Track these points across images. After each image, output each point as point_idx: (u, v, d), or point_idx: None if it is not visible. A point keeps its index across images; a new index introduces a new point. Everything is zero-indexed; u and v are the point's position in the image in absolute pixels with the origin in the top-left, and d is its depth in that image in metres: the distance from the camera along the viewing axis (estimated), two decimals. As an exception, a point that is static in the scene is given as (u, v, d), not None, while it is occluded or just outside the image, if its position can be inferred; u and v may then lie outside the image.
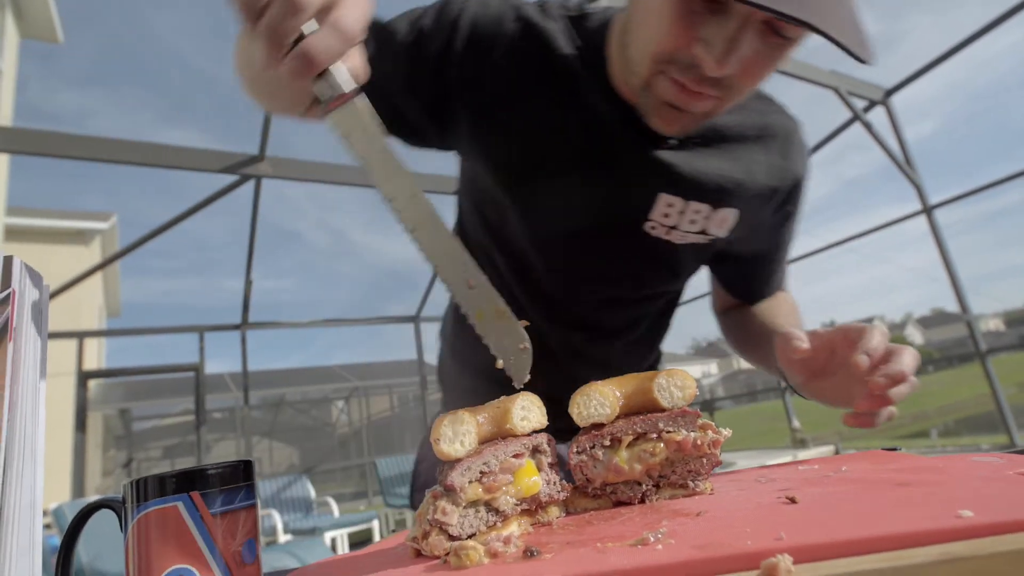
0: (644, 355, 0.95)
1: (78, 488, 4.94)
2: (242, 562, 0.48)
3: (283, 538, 4.93)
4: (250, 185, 4.52)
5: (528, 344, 0.48)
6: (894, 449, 0.59)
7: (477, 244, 0.85)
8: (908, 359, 0.56)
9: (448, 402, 1.04)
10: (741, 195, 0.77)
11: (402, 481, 6.08)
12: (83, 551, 2.60)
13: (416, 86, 0.72)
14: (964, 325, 4.82)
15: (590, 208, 0.76)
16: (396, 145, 0.46)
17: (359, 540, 5.97)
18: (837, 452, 6.58)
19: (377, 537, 5.26)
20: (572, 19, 0.75)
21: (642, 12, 0.63)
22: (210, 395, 6.12)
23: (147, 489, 0.47)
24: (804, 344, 0.61)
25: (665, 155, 0.73)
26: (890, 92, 5.00)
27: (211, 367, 5.90)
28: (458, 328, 0.94)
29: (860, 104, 4.95)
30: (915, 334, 48.75)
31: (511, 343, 0.46)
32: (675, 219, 0.75)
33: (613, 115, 0.72)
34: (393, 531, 6.21)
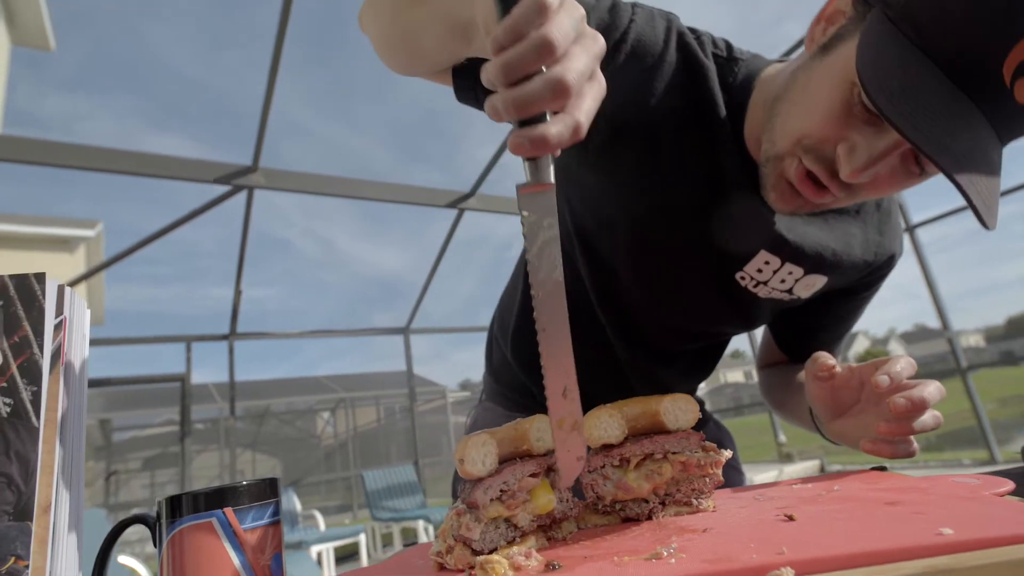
0: (696, 380, 0.97)
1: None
2: (270, 575, 0.50)
3: (268, 552, 4.86)
4: (242, 196, 4.53)
5: (584, 456, 0.49)
6: (882, 468, 0.63)
7: (563, 235, 0.82)
8: (932, 389, 0.55)
9: (487, 408, 1.03)
10: (836, 265, 0.78)
11: (389, 494, 6.04)
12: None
13: None
14: (945, 341, 4.94)
15: (694, 248, 0.76)
16: (559, 244, 0.47)
17: (345, 554, 5.91)
18: (822, 466, 6.66)
19: (364, 551, 5.21)
20: (721, 62, 0.73)
21: (801, 92, 0.62)
22: (195, 406, 6.05)
23: (183, 505, 0.49)
24: (831, 361, 0.61)
25: (774, 216, 0.73)
26: (872, 115, 5.14)
27: (197, 377, 5.84)
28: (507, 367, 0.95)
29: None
30: (898, 349, 49.54)
31: (572, 451, 0.48)
32: (767, 275, 0.76)
33: (739, 171, 0.71)
34: (387, 546, 6.15)
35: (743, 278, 0.77)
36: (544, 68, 0.37)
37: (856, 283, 0.85)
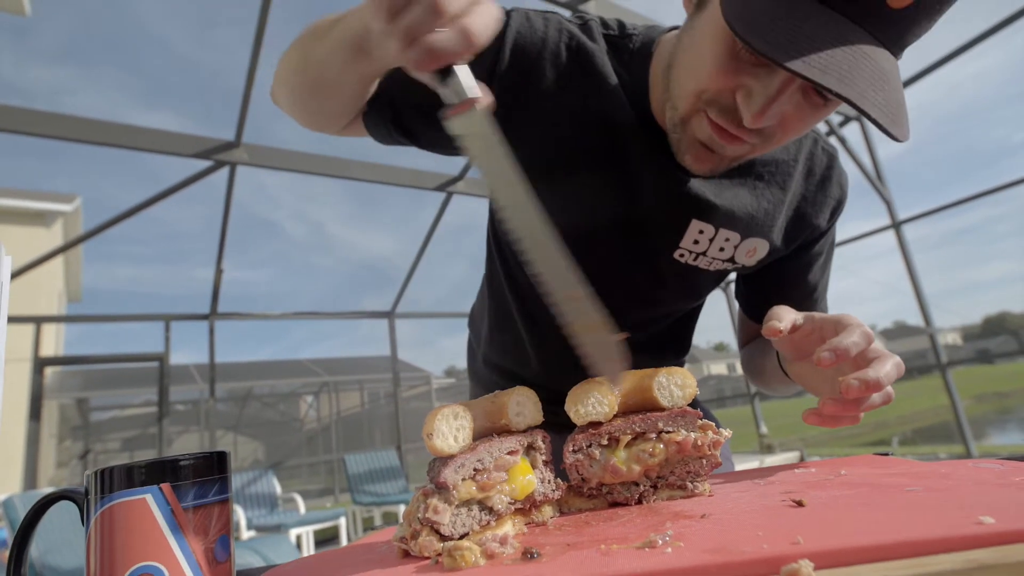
0: (674, 359, 0.95)
1: (30, 479, 4.74)
2: (215, 559, 0.45)
3: (246, 534, 4.81)
4: (224, 172, 4.40)
5: (620, 361, 0.49)
6: (884, 454, 0.59)
7: (506, 243, 0.85)
8: (889, 367, 0.52)
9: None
10: (772, 226, 0.77)
11: (371, 478, 5.99)
12: (36, 544, 2.49)
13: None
14: (925, 338, 4.98)
15: (625, 236, 0.75)
16: (511, 157, 0.47)
17: (325, 538, 5.87)
18: (802, 458, 6.73)
19: (344, 534, 5.17)
20: (612, 41, 0.74)
21: (689, 50, 0.62)
22: (174, 387, 5.94)
23: (113, 479, 0.44)
24: (780, 325, 0.57)
25: (698, 184, 0.73)
26: (865, 109, 5.14)
27: (177, 358, 5.72)
28: (493, 335, 0.94)
29: (836, 119, 5.07)
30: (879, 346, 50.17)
31: (602, 355, 0.47)
32: (704, 246, 0.76)
33: (650, 143, 0.72)
34: (368, 530, 6.13)
35: (682, 255, 0.76)
36: None
37: (799, 247, 0.83)
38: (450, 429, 0.43)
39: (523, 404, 0.49)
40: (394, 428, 7.06)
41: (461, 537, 0.41)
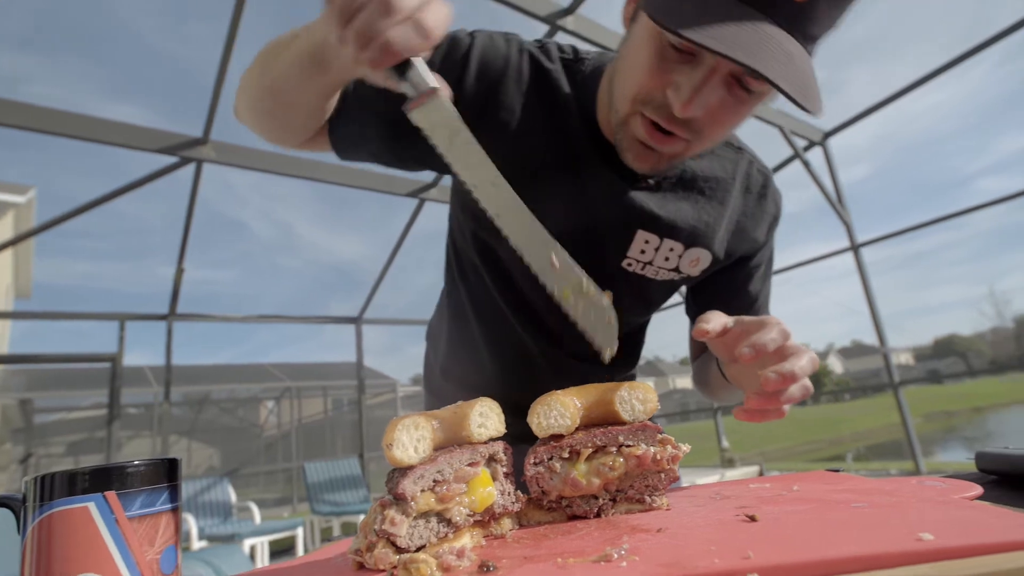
0: (624, 370, 0.98)
1: (-35, 484, 4.48)
2: (159, 571, 0.43)
3: (197, 544, 4.64)
4: (190, 169, 4.28)
5: (613, 318, 0.51)
6: (835, 470, 0.61)
7: (465, 255, 0.89)
8: (804, 362, 0.54)
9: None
10: (713, 237, 0.82)
11: (331, 487, 5.86)
12: (-35, 554, 2.34)
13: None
14: (878, 357, 5.16)
15: (576, 243, 0.77)
16: (476, 138, 0.51)
17: (281, 548, 5.70)
18: (761, 472, 6.88)
19: (301, 545, 5.03)
20: (567, 63, 0.79)
21: (625, 58, 0.68)
22: (127, 389, 5.69)
23: (53, 486, 0.42)
24: (708, 326, 0.59)
25: (643, 195, 0.78)
26: (828, 134, 5.34)
27: (131, 359, 5.51)
28: (452, 346, 0.97)
29: (801, 143, 5.25)
30: (836, 364, 51.93)
31: (597, 317, 0.49)
32: (651, 255, 0.80)
33: (600, 157, 0.77)
34: (326, 541, 5.97)
35: (630, 264, 0.81)
36: None
37: (747, 261, 0.89)
38: (410, 439, 0.42)
39: (486, 415, 0.48)
40: (357, 436, 6.93)
41: (418, 549, 0.41)
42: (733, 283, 0.89)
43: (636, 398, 0.50)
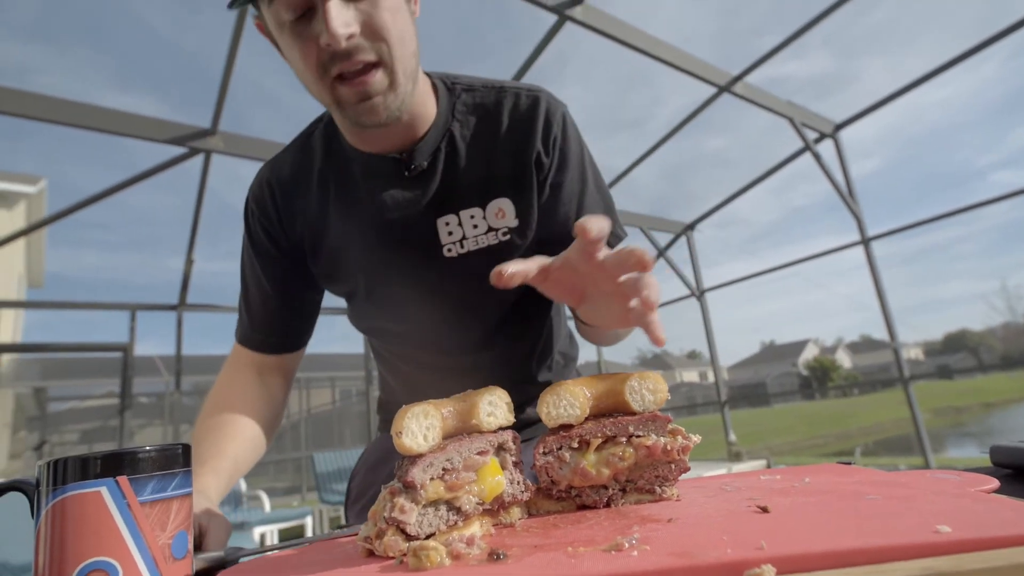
0: (543, 357, 0.94)
1: (-19, 470, 4.56)
2: (171, 556, 0.43)
3: (208, 532, 4.69)
4: (199, 159, 4.30)
5: None
6: (847, 463, 0.60)
7: (377, 351, 1.01)
8: (656, 291, 0.50)
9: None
10: (501, 183, 0.80)
11: (340, 477, 5.91)
12: (-18, 539, 2.38)
13: (297, 274, 0.90)
14: (888, 352, 5.12)
15: (396, 264, 0.84)
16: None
17: (290, 536, 5.76)
18: (769, 466, 6.86)
19: (310, 534, 5.09)
20: (327, 132, 0.86)
21: (291, 63, 0.74)
22: (138, 378, 5.77)
23: (67, 471, 0.42)
24: (589, 225, 0.51)
25: (420, 184, 0.81)
26: (839, 126, 5.27)
27: (142, 349, 5.57)
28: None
29: (811, 135, 5.19)
30: (845, 358, 51.57)
31: None
32: (459, 232, 0.81)
33: (372, 176, 0.82)
34: (335, 530, 6.03)
35: (449, 250, 0.82)
36: None
37: (550, 185, 0.83)
38: (420, 428, 0.42)
39: (495, 404, 0.48)
40: (365, 426, 6.98)
41: (427, 537, 0.41)
42: (559, 208, 0.84)
43: (647, 388, 0.50)
